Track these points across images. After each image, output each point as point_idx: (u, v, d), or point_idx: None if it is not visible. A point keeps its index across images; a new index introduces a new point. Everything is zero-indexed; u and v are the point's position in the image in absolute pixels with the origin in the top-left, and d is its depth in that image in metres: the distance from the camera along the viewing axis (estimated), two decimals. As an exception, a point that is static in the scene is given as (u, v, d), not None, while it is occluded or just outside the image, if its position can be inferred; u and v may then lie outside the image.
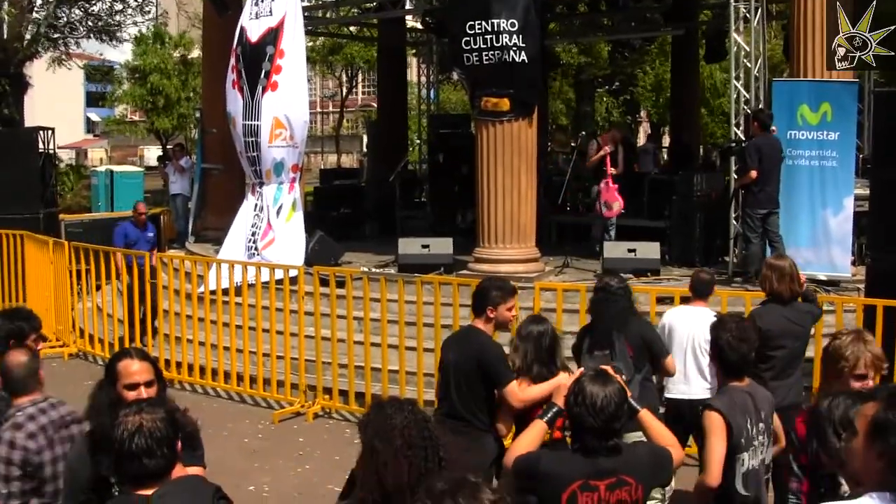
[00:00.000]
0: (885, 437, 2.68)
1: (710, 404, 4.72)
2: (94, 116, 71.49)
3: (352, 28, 28.14)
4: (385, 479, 3.15)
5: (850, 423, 3.33)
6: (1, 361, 4.83)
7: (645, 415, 4.25)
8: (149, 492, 3.18)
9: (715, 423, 4.61)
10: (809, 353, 7.87)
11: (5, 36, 27.39)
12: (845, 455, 3.13)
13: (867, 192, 10.19)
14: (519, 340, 5.70)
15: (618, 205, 13.47)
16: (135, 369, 4.09)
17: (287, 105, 13.14)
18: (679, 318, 7.40)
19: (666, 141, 34.85)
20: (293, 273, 11.31)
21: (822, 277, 11.29)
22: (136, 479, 3.25)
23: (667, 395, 7.33)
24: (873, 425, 2.73)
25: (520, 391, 5.60)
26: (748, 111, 12.23)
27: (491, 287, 5.92)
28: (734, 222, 12.29)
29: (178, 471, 3.39)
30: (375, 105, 28.78)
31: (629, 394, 3.98)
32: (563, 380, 5.42)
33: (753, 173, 11.34)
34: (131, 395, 3.97)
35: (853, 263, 11.82)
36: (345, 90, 53.50)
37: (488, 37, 11.75)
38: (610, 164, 13.62)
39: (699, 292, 7.55)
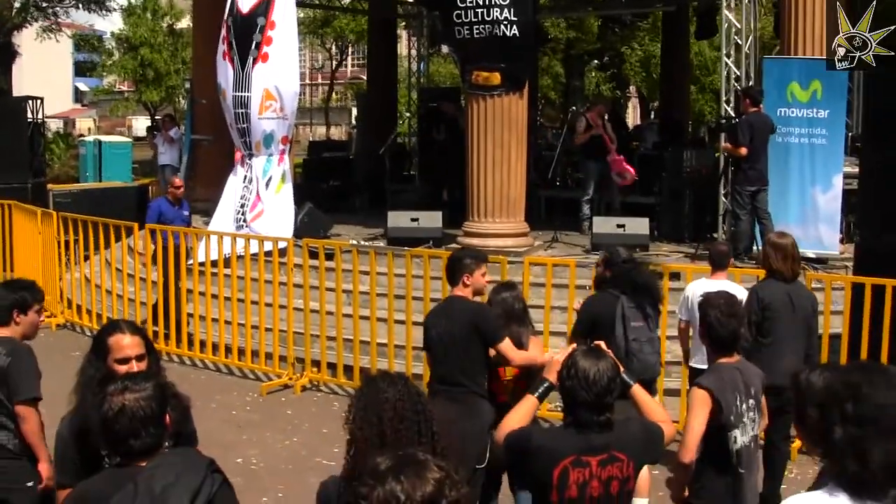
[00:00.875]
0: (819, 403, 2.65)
1: (699, 382, 4.74)
2: (83, 86, 70.90)
3: (343, 0, 27.98)
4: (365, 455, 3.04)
5: None
6: None
7: (637, 390, 4.24)
8: (142, 464, 3.17)
9: (698, 401, 4.62)
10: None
11: (-7, 5, 27.16)
12: None
13: (856, 170, 10.20)
14: (492, 305, 6.06)
15: (630, 174, 13.54)
16: (126, 343, 4.02)
17: (277, 77, 13.05)
18: (701, 290, 7.43)
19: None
20: (282, 245, 11.28)
21: (811, 255, 11.33)
22: (127, 457, 3.25)
23: (691, 364, 7.55)
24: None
25: (511, 351, 5.85)
26: (739, 88, 12.22)
27: (463, 256, 6.31)
28: (724, 199, 12.31)
29: None
30: (365, 77, 28.60)
31: (622, 369, 3.99)
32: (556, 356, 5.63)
33: (743, 150, 11.36)
34: (122, 368, 3.90)
35: (841, 241, 11.88)
36: (334, 62, 53.24)
37: (479, 10, 11.68)
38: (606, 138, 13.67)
39: (719, 264, 7.62)
